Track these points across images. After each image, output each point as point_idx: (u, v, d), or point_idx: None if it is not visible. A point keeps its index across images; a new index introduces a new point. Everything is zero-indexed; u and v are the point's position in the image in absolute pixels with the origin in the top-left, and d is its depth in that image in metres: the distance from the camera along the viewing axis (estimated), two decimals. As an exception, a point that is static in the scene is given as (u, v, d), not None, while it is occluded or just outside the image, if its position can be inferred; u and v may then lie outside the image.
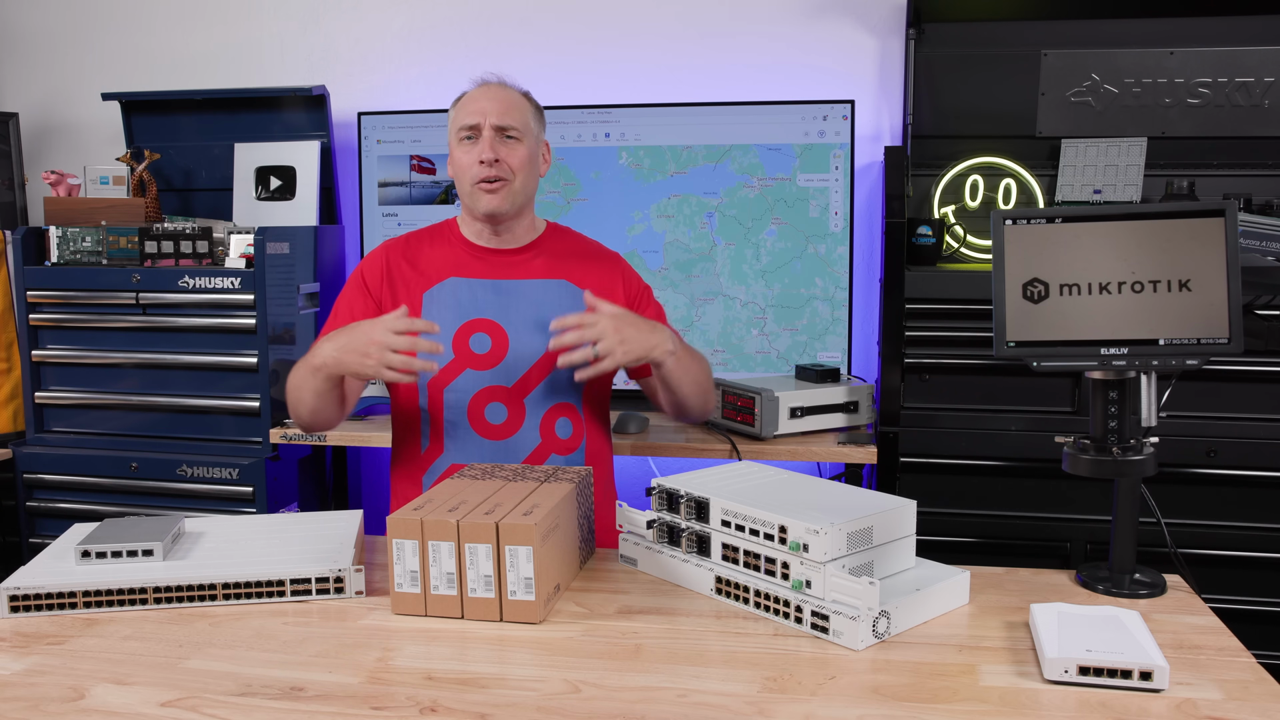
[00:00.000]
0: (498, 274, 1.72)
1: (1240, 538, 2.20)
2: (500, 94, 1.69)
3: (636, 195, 2.69)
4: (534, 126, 1.72)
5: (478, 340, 1.68)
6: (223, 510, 2.55)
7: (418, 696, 1.04)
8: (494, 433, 1.68)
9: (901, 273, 2.24)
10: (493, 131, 1.65)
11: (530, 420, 1.68)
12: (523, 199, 1.71)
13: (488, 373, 1.67)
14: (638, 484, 2.78)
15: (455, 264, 1.73)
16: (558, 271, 1.74)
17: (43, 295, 2.66)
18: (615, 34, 2.87)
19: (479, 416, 1.67)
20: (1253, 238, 2.18)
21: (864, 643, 1.15)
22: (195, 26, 3.10)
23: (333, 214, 2.92)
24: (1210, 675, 1.08)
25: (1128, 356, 1.33)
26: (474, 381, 1.67)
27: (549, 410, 1.69)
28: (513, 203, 1.68)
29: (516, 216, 1.73)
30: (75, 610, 1.26)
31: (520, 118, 1.69)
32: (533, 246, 1.76)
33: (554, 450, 1.70)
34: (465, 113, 1.69)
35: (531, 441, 1.68)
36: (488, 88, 1.71)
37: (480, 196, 1.67)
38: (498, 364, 1.68)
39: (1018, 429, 2.26)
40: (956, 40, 2.59)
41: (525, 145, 1.68)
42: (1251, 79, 2.46)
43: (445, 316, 1.69)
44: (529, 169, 1.70)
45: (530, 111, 1.72)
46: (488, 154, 1.64)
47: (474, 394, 1.67)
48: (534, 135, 1.72)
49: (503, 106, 1.67)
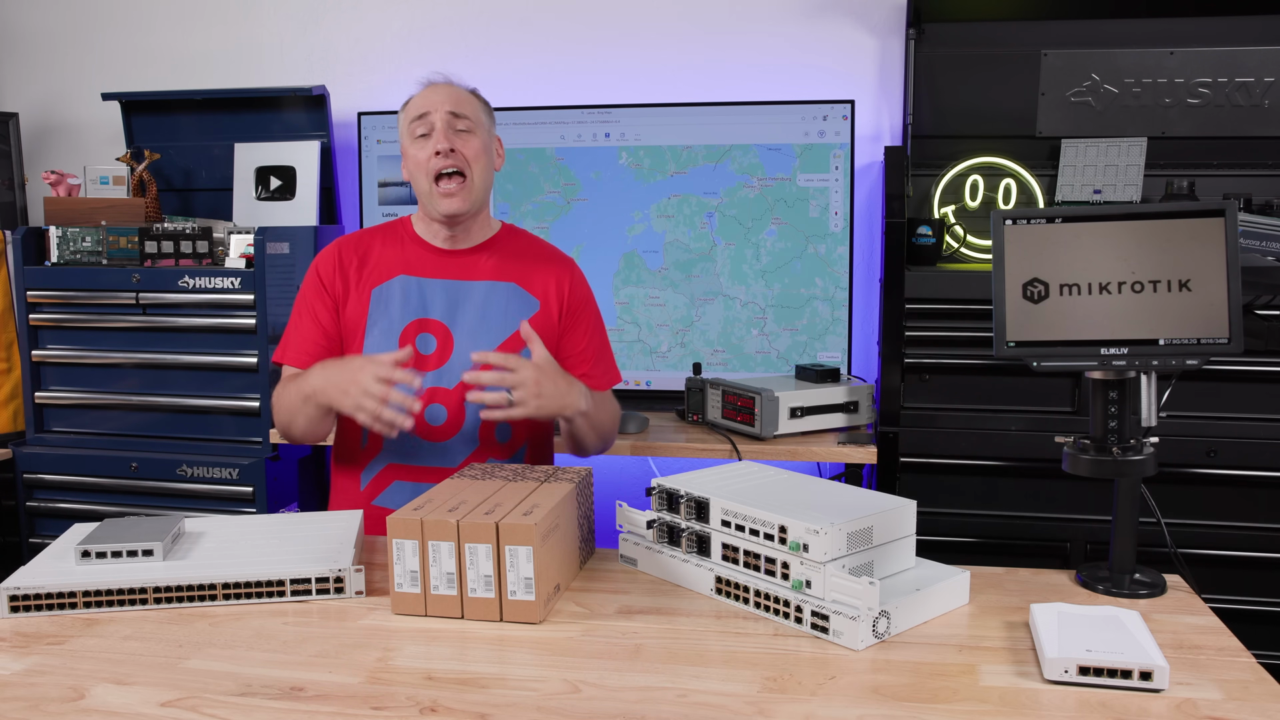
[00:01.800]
0: (448, 274, 1.72)
1: (1240, 538, 2.20)
2: (447, 89, 1.70)
3: (636, 195, 2.69)
4: (485, 120, 1.72)
5: (423, 341, 1.68)
6: (223, 510, 2.55)
7: (418, 696, 1.04)
8: (433, 434, 1.68)
9: (901, 273, 2.24)
10: (445, 120, 1.65)
11: (469, 424, 1.68)
12: (481, 197, 1.70)
13: (430, 374, 1.67)
14: (638, 484, 2.78)
15: (406, 262, 1.72)
16: (508, 274, 1.73)
17: (43, 295, 2.66)
18: (615, 34, 2.87)
19: (419, 418, 1.66)
20: (1253, 238, 2.18)
21: (864, 643, 1.14)
22: (195, 26, 3.10)
23: (333, 214, 2.92)
24: (1210, 675, 1.08)
25: (1128, 356, 1.33)
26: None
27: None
28: (472, 202, 1.68)
29: (473, 216, 1.72)
30: (75, 610, 1.26)
31: (471, 109, 1.69)
32: (485, 247, 1.75)
33: (491, 454, 1.70)
34: (414, 105, 1.69)
35: (469, 445, 1.69)
36: (434, 85, 1.71)
37: (439, 200, 1.66)
38: (441, 365, 1.68)
39: (1018, 429, 2.26)
40: (956, 40, 2.59)
41: (479, 137, 1.68)
42: (1251, 79, 2.46)
43: (392, 314, 1.69)
44: (484, 160, 1.69)
45: (480, 106, 1.72)
46: (443, 143, 1.64)
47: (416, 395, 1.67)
48: (486, 129, 1.71)
49: (452, 97, 1.68)
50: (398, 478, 1.69)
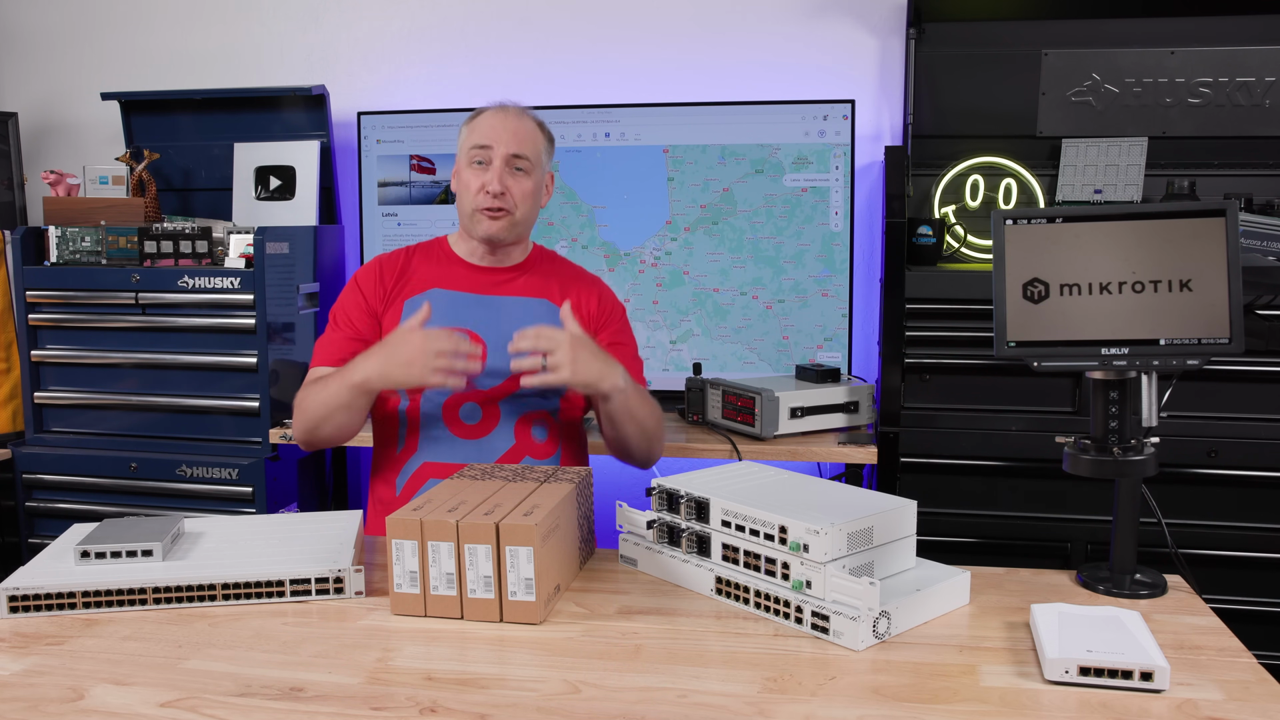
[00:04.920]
0: (481, 289, 1.74)
1: (1241, 538, 2.20)
2: (516, 122, 1.71)
3: (636, 194, 2.68)
4: (544, 159, 1.75)
5: None
6: (222, 510, 2.55)
7: (418, 697, 1.04)
8: (468, 432, 1.69)
9: (902, 273, 2.24)
10: (504, 161, 1.67)
11: (505, 421, 1.70)
12: (523, 229, 1.74)
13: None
14: (638, 484, 2.77)
15: (441, 277, 1.75)
16: (540, 291, 1.76)
17: (42, 295, 2.66)
18: (615, 33, 2.87)
19: (454, 416, 1.69)
20: (1253, 238, 2.18)
21: (864, 643, 1.14)
22: (195, 26, 3.10)
23: (332, 214, 2.92)
24: (1211, 676, 1.08)
25: (1128, 356, 1.33)
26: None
27: (524, 415, 1.71)
28: (512, 232, 1.72)
29: (515, 243, 1.76)
30: (75, 610, 1.26)
31: (533, 148, 1.71)
32: (519, 267, 1.79)
33: (529, 453, 1.71)
34: (480, 132, 1.70)
35: (506, 442, 1.70)
36: (505, 112, 1.72)
37: (481, 221, 1.69)
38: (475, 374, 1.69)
39: (1018, 429, 2.25)
40: (957, 40, 2.59)
41: (533, 178, 1.71)
42: (1252, 79, 2.46)
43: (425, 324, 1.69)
44: (532, 201, 1.72)
45: (543, 143, 1.75)
46: (495, 185, 1.66)
47: (449, 395, 1.69)
48: (542, 167, 1.74)
49: (518, 136, 1.69)
50: (432, 475, 1.70)
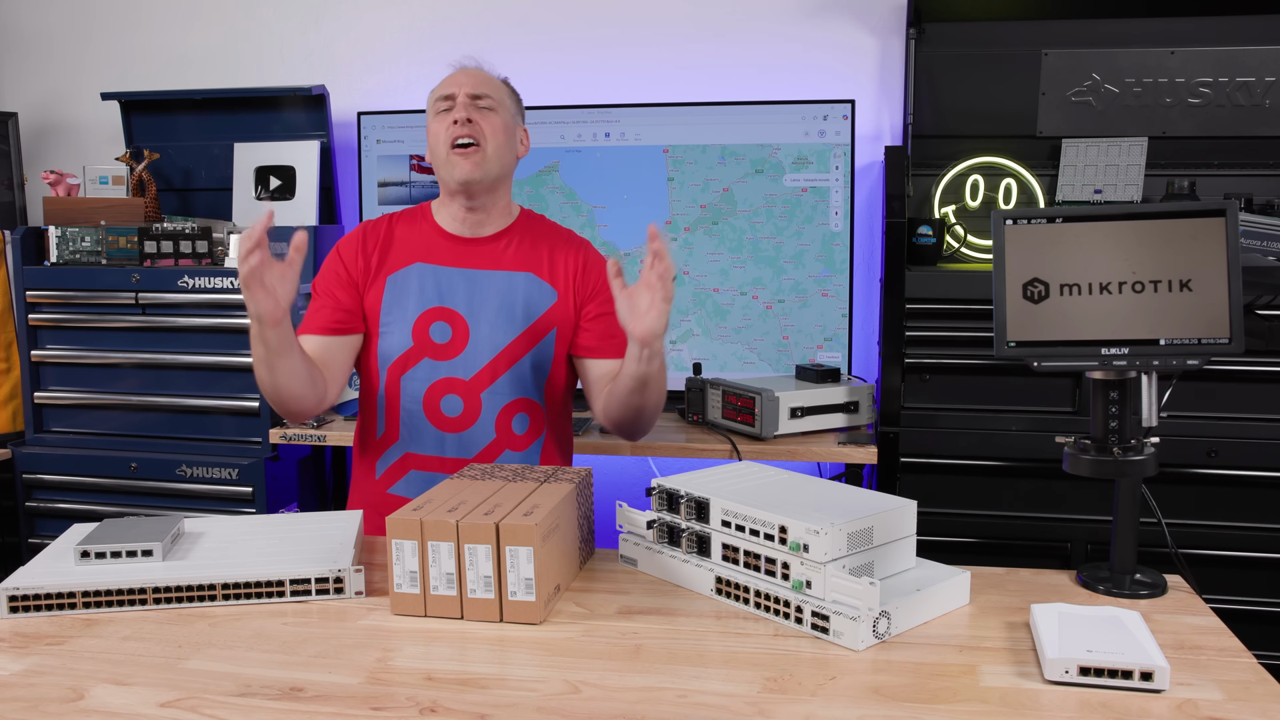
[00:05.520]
0: (465, 263, 1.71)
1: (1241, 538, 2.20)
2: (476, 72, 1.72)
3: (636, 194, 2.68)
4: (510, 105, 1.73)
5: (438, 329, 1.68)
6: (222, 510, 2.55)
7: (418, 697, 1.04)
8: (449, 425, 1.68)
9: (902, 273, 2.24)
10: (467, 98, 1.67)
11: (486, 415, 1.69)
12: (497, 169, 1.68)
13: (445, 364, 1.68)
14: (638, 484, 2.77)
15: (425, 250, 1.72)
16: (526, 263, 1.73)
17: (42, 295, 2.66)
18: (615, 33, 2.87)
19: (434, 408, 1.68)
20: (1253, 238, 2.18)
21: (864, 643, 1.14)
22: (195, 26, 3.10)
23: (332, 214, 2.92)
24: (1211, 676, 1.08)
25: (1128, 356, 1.33)
26: (431, 371, 1.68)
27: (506, 406, 1.70)
28: (486, 170, 1.66)
29: (490, 192, 1.71)
30: (75, 610, 1.26)
31: (495, 91, 1.70)
32: (504, 235, 1.75)
33: (508, 446, 1.71)
34: (441, 87, 1.71)
35: (486, 436, 1.69)
36: (464, 69, 1.73)
37: (455, 163, 1.65)
38: (457, 355, 1.68)
39: (1018, 429, 2.25)
40: (957, 40, 2.59)
41: (500, 116, 1.69)
42: (1252, 79, 2.46)
43: (407, 303, 1.69)
44: (503, 138, 1.69)
45: (506, 92, 1.74)
46: (460, 114, 1.65)
47: (431, 384, 1.68)
48: (510, 111, 1.72)
49: (476, 79, 1.70)
50: (414, 467, 1.70)
